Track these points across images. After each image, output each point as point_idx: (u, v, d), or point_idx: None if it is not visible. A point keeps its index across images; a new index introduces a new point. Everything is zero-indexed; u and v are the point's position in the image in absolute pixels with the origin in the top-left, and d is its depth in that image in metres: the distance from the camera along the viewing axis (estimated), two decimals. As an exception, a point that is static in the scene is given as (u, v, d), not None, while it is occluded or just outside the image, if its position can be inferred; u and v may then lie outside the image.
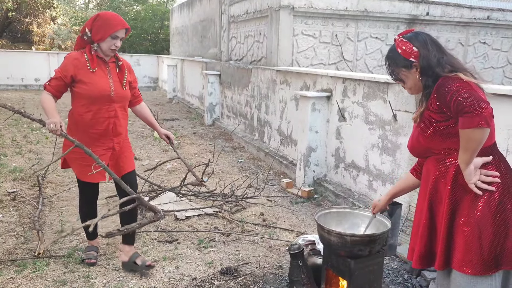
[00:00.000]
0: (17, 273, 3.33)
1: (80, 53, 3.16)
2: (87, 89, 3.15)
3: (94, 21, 3.09)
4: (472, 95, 1.91)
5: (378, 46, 7.98)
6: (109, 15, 3.13)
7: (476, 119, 1.88)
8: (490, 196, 2.01)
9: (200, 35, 13.35)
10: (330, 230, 2.73)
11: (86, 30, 3.11)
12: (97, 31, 3.07)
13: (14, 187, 5.29)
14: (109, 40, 3.09)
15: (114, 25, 3.07)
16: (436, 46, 2.16)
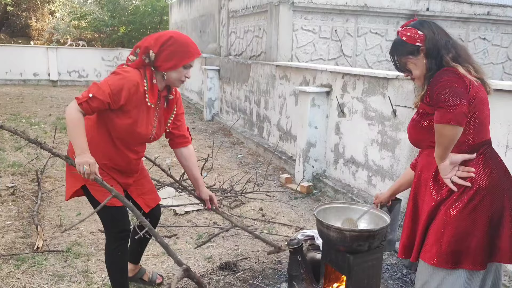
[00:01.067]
0: (16, 267, 3.33)
1: (141, 77, 2.44)
2: (127, 127, 2.46)
3: (164, 44, 2.40)
4: (452, 91, 1.89)
5: (378, 41, 7.97)
6: (186, 40, 2.47)
7: (447, 116, 1.87)
8: (463, 192, 2.00)
9: (200, 30, 13.31)
10: (329, 225, 2.73)
11: (149, 52, 2.42)
12: (168, 57, 2.41)
13: (13, 182, 5.28)
14: (181, 70, 2.47)
15: (192, 53, 2.46)
16: (442, 31, 2.10)
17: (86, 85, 17.08)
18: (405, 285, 3.23)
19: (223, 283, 3.24)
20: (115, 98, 2.34)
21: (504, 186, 2.02)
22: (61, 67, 16.92)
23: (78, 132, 2.29)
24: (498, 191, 2.00)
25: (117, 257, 2.69)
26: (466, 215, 1.98)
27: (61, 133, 8.16)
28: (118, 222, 2.61)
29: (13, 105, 11.48)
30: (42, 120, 9.48)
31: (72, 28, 21.22)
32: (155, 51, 2.40)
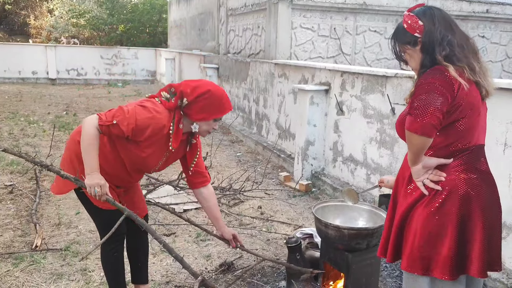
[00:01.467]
0: (14, 266, 3.33)
1: (169, 119, 2.37)
2: (137, 157, 2.43)
3: (200, 96, 2.37)
4: (427, 97, 1.82)
5: (377, 39, 7.96)
6: (222, 95, 2.46)
7: (414, 125, 1.84)
8: (435, 196, 1.93)
9: (198, 28, 13.29)
10: (327, 223, 2.73)
11: (183, 98, 2.39)
12: (201, 109, 2.39)
13: (11, 180, 5.28)
14: (211, 122, 2.47)
15: (224, 108, 2.46)
16: (445, 23, 1.94)
17: (85, 83, 17.08)
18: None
19: (221, 281, 3.24)
20: (136, 134, 2.30)
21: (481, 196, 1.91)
22: (59, 66, 16.89)
23: (92, 150, 2.27)
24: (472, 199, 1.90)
25: (113, 258, 2.67)
26: (436, 220, 1.91)
27: (60, 131, 8.15)
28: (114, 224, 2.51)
29: (12, 103, 11.46)
30: (40, 119, 9.46)
31: (70, 26, 21.18)
32: (189, 100, 2.38)
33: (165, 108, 2.39)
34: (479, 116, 1.95)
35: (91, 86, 16.53)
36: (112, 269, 2.71)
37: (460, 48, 1.91)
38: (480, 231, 1.89)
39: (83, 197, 2.51)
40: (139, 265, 2.90)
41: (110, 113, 2.29)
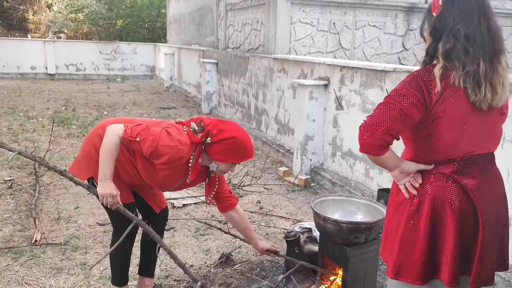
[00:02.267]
0: (14, 260, 3.34)
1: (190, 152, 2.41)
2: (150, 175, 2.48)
3: (224, 140, 2.40)
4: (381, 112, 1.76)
5: (376, 34, 7.95)
6: (246, 145, 2.47)
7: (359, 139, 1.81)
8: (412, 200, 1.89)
9: (197, 23, 13.25)
10: (326, 217, 2.74)
11: (208, 136, 2.42)
12: (222, 151, 2.43)
13: (10, 175, 5.28)
14: (229, 165, 2.53)
15: (244, 156, 2.51)
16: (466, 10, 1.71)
17: (84, 78, 17.05)
18: (402, 277, 3.24)
19: (220, 276, 3.25)
20: (153, 157, 2.33)
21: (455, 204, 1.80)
22: (58, 61, 16.85)
23: (110, 158, 2.30)
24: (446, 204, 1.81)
25: (123, 252, 2.72)
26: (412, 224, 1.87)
27: (59, 126, 8.15)
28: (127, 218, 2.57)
29: (11, 98, 11.44)
30: (39, 114, 9.46)
31: (69, 21, 21.13)
32: (212, 141, 2.40)
33: (190, 140, 2.40)
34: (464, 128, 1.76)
35: (90, 82, 16.51)
36: (120, 262, 2.76)
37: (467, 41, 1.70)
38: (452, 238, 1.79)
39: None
40: (151, 258, 2.93)
41: (136, 129, 2.32)
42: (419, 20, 8.03)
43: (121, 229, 2.56)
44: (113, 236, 2.74)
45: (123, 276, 2.81)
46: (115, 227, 2.71)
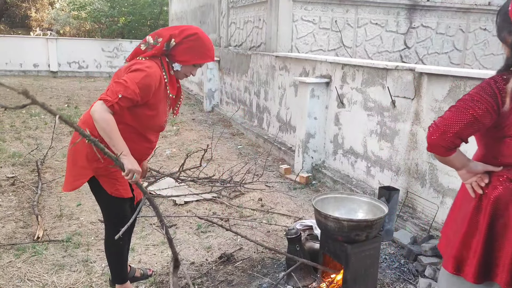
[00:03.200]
0: (16, 257, 3.36)
1: (160, 69, 2.46)
2: (148, 118, 2.49)
3: (186, 37, 2.44)
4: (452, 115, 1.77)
5: (378, 32, 7.93)
6: (207, 42, 2.51)
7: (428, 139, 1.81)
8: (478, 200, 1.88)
9: (199, 21, 13.24)
10: (327, 215, 2.74)
11: (171, 40, 2.44)
12: (185, 51, 2.45)
13: (13, 172, 5.30)
14: (191, 67, 2.54)
15: (207, 56, 2.52)
16: None
17: (86, 76, 17.07)
18: (402, 275, 3.25)
19: (222, 273, 3.26)
20: (143, 95, 2.34)
21: None
22: (61, 58, 16.87)
23: (116, 133, 2.29)
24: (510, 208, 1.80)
25: (119, 247, 2.72)
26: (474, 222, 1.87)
27: (61, 124, 8.16)
28: (124, 212, 2.61)
29: (13, 96, 11.46)
30: (42, 111, 9.47)
31: (71, 18, 21.14)
32: (177, 41, 2.44)
33: (150, 56, 2.44)
34: None
35: (92, 79, 16.53)
36: (118, 258, 2.75)
37: None
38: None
39: (96, 186, 2.53)
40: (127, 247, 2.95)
41: (112, 92, 2.29)
42: (421, 18, 8.02)
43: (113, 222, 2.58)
44: (106, 232, 2.70)
45: (123, 272, 2.81)
46: (108, 220, 2.68)
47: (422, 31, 8.11)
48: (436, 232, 3.65)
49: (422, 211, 3.94)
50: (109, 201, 2.56)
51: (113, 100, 2.26)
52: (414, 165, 4.04)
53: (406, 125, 4.14)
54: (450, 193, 3.64)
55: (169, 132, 7.93)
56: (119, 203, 2.57)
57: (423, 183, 3.94)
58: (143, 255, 3.48)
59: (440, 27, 8.19)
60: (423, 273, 3.20)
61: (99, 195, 2.59)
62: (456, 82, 3.57)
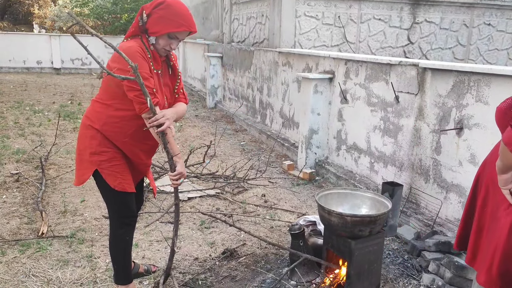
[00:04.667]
0: (21, 252, 3.38)
1: (141, 45, 2.40)
2: None
3: (156, 7, 2.36)
4: None
5: (381, 27, 7.90)
6: (179, 8, 2.38)
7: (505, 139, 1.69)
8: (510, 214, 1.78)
9: (202, 17, 13.23)
10: (330, 210, 2.74)
11: (143, 13, 2.39)
12: (156, 21, 2.36)
13: (17, 169, 5.32)
14: (165, 37, 2.40)
15: (179, 23, 2.36)
16: None
17: (89, 73, 17.09)
18: (406, 270, 3.25)
19: (225, 268, 3.27)
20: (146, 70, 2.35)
21: None
22: (64, 55, 16.90)
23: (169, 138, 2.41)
24: None
25: (125, 243, 2.70)
26: None
27: (65, 120, 8.19)
28: (128, 207, 2.62)
29: (17, 92, 11.50)
30: (45, 108, 9.50)
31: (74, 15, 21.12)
32: (147, 13, 2.38)
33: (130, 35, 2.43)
34: None
35: (95, 76, 16.55)
36: (122, 255, 2.73)
37: None
38: None
39: (100, 180, 2.54)
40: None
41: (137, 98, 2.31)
42: (424, 13, 7.99)
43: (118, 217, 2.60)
44: (112, 229, 2.69)
45: (127, 272, 2.78)
46: (113, 214, 2.66)
47: (426, 26, 8.08)
48: (440, 228, 3.64)
49: (425, 206, 3.93)
50: (112, 195, 2.55)
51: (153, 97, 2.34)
52: (417, 160, 4.04)
53: (409, 121, 4.13)
54: (454, 189, 3.63)
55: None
56: (122, 197, 2.55)
57: (426, 178, 3.93)
58: (147, 251, 3.49)
59: (444, 22, 8.15)
60: (426, 269, 3.20)
61: (103, 189, 2.59)
62: (460, 77, 3.56)
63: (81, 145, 2.53)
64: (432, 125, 3.85)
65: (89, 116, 2.52)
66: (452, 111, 3.63)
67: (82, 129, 2.54)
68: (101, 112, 2.47)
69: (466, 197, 3.44)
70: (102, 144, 2.47)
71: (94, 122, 2.47)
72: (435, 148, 3.83)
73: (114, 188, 2.50)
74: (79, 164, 2.56)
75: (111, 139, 2.48)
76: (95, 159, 2.47)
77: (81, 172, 2.53)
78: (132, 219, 2.69)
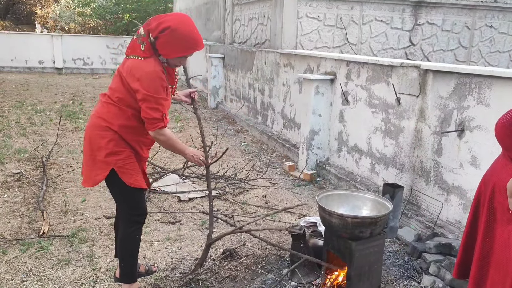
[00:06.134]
0: (22, 252, 3.38)
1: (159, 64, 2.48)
2: None
3: (161, 32, 2.39)
4: None
5: (383, 29, 7.90)
6: (185, 32, 2.41)
7: None
8: None
9: (204, 18, 13.24)
10: (331, 211, 2.74)
11: (150, 36, 2.44)
12: (163, 45, 2.43)
13: (18, 168, 5.33)
14: (176, 59, 2.52)
15: (186, 47, 2.45)
16: None
17: (91, 73, 17.11)
18: (406, 272, 3.25)
19: (226, 269, 3.27)
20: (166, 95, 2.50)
21: None
22: (66, 55, 16.92)
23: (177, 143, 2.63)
24: None
25: (135, 241, 2.73)
26: None
27: (66, 120, 8.20)
28: (140, 204, 2.69)
29: (19, 92, 11.52)
30: (47, 108, 9.51)
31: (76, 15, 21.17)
32: (153, 36, 2.43)
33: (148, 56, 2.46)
34: None
35: (97, 76, 16.57)
36: (132, 253, 2.76)
37: None
38: None
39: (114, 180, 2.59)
40: None
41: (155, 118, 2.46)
42: (426, 14, 7.99)
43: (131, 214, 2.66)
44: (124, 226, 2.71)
45: (134, 270, 2.80)
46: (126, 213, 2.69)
47: (428, 28, 8.08)
48: (440, 230, 3.64)
49: (426, 208, 3.93)
50: (127, 193, 2.61)
51: (165, 122, 2.51)
52: (418, 162, 4.04)
53: (411, 122, 4.13)
54: (455, 191, 3.63)
55: (173, 129, 7.95)
56: (138, 193, 2.64)
57: (427, 180, 3.93)
58: (148, 251, 3.49)
59: (446, 24, 8.15)
60: (427, 271, 3.19)
61: (117, 188, 2.64)
62: (461, 79, 3.56)
63: (94, 146, 2.55)
64: (433, 127, 3.85)
65: (104, 117, 2.55)
66: (454, 113, 3.63)
67: (97, 130, 2.56)
68: (118, 114, 2.53)
69: (467, 199, 3.45)
70: (118, 145, 2.55)
71: (112, 124, 2.52)
72: (436, 150, 3.83)
73: (130, 186, 2.57)
74: (92, 165, 2.58)
75: (126, 139, 2.57)
76: (112, 159, 2.53)
77: (94, 173, 2.56)
78: (143, 217, 2.74)
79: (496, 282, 1.83)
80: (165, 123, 2.51)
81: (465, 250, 2.08)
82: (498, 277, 1.82)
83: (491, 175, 1.91)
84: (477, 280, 1.92)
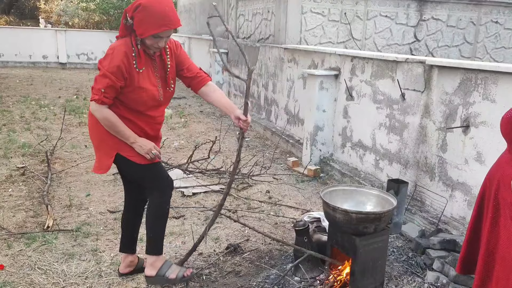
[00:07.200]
0: (26, 245, 3.40)
1: (128, 45, 2.47)
2: (134, 97, 2.54)
3: (135, 10, 2.39)
4: None
5: (388, 25, 7.87)
6: (156, 9, 2.37)
7: None
8: None
9: (208, 13, 13.21)
10: (335, 207, 2.74)
11: (127, 17, 2.44)
12: (138, 24, 2.40)
13: (23, 163, 5.34)
14: (150, 38, 2.44)
15: (158, 24, 2.38)
16: None
17: (95, 67, 17.11)
18: (410, 268, 3.25)
19: (229, 264, 3.28)
20: (119, 77, 2.44)
21: None
22: (69, 50, 16.94)
23: (120, 126, 2.51)
24: None
25: (165, 211, 2.78)
26: None
27: (70, 115, 8.22)
28: (163, 173, 2.76)
29: (23, 87, 11.54)
30: (51, 102, 9.53)
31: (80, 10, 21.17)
32: (129, 16, 2.44)
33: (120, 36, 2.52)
34: None
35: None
36: (160, 223, 2.80)
37: None
38: None
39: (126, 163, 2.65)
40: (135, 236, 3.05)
41: (95, 89, 2.46)
42: (431, 10, 7.95)
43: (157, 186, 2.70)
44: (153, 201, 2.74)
45: (162, 242, 2.86)
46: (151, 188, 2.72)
47: (433, 23, 8.03)
48: (444, 226, 3.63)
49: (430, 204, 3.92)
50: (143, 170, 2.65)
51: (100, 96, 2.43)
52: (423, 158, 4.02)
53: (415, 118, 4.11)
54: (459, 187, 3.62)
55: (177, 124, 7.95)
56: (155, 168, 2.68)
57: (432, 176, 3.92)
58: (152, 246, 3.49)
59: (451, 19, 8.10)
60: (431, 267, 3.19)
61: (132, 170, 2.68)
62: (467, 74, 3.54)
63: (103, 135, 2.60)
64: (438, 123, 3.84)
65: None
66: (459, 109, 3.62)
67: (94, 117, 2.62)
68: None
69: (472, 195, 3.44)
70: None
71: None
72: (441, 146, 3.82)
73: (144, 164, 2.61)
74: (98, 151, 2.66)
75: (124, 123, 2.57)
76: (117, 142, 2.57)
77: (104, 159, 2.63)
78: (171, 181, 2.78)
79: (500, 278, 1.84)
80: (100, 99, 2.43)
81: (468, 246, 2.10)
82: (503, 273, 1.83)
83: (496, 171, 1.92)
84: (482, 276, 1.93)
